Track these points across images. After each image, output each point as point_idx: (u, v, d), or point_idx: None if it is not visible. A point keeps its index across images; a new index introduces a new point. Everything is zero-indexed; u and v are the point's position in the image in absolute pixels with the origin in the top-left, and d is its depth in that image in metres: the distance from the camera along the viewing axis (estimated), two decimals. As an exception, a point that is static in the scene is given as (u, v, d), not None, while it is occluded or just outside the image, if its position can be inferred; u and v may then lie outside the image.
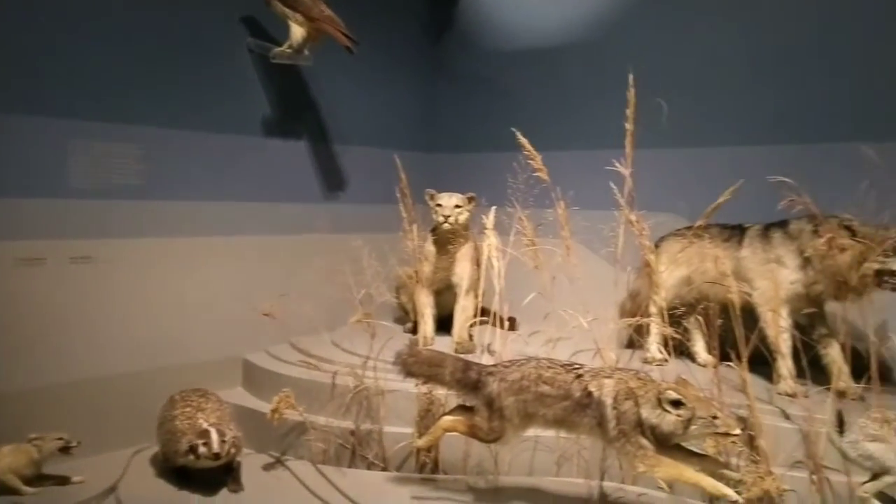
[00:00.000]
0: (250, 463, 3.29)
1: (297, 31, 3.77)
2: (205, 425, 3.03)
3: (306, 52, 3.88)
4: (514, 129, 3.29)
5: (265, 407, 3.36)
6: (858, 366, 3.02)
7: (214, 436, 2.97)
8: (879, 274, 2.94)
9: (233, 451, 3.05)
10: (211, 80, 3.84)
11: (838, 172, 2.97)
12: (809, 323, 3.27)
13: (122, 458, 3.36)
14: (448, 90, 5.12)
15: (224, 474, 3.10)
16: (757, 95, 3.84)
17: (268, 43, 3.94)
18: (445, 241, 3.95)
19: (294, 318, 3.63)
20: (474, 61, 4.98)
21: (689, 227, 3.51)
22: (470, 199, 3.92)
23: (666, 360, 3.58)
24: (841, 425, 2.42)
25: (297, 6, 3.74)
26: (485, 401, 2.72)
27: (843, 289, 3.04)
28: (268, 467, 3.36)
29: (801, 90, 3.70)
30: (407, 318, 4.46)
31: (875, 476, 2.36)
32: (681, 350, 3.60)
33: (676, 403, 2.43)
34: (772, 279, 3.25)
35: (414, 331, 4.20)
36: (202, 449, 2.95)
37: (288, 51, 3.83)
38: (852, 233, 2.98)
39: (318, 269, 3.98)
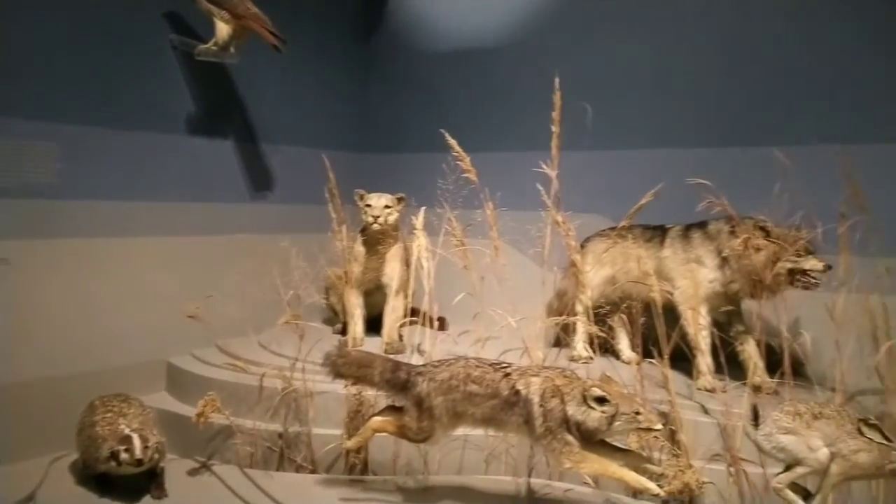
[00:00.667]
0: (174, 468, 3.22)
1: (223, 29, 3.70)
2: (126, 431, 2.94)
3: (232, 49, 3.81)
4: (442, 131, 3.30)
5: (190, 411, 3.28)
6: (773, 361, 3.14)
7: (137, 441, 2.89)
8: (792, 273, 3.07)
9: (156, 456, 2.97)
10: (132, 77, 3.73)
11: (753, 175, 3.07)
12: (727, 320, 3.40)
13: (39, 466, 3.23)
14: (378, 90, 5.11)
15: (147, 481, 3.02)
16: (677, 100, 3.95)
17: (193, 40, 3.85)
18: (375, 241, 3.94)
19: (220, 321, 3.57)
20: (405, 62, 4.98)
21: (613, 228, 3.59)
22: (399, 200, 3.92)
23: (591, 358, 3.67)
24: (756, 419, 2.51)
25: (222, 3, 3.67)
26: (414, 401, 2.73)
27: (759, 287, 3.16)
28: (193, 472, 3.28)
29: (719, 95, 3.83)
30: (336, 318, 4.43)
31: (788, 467, 2.46)
32: (606, 348, 3.70)
33: (601, 400, 2.49)
34: (692, 278, 3.37)
35: (343, 332, 4.17)
36: (124, 455, 2.87)
37: (213, 48, 3.76)
38: (766, 233, 3.11)
39: (246, 271, 3.93)
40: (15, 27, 3.30)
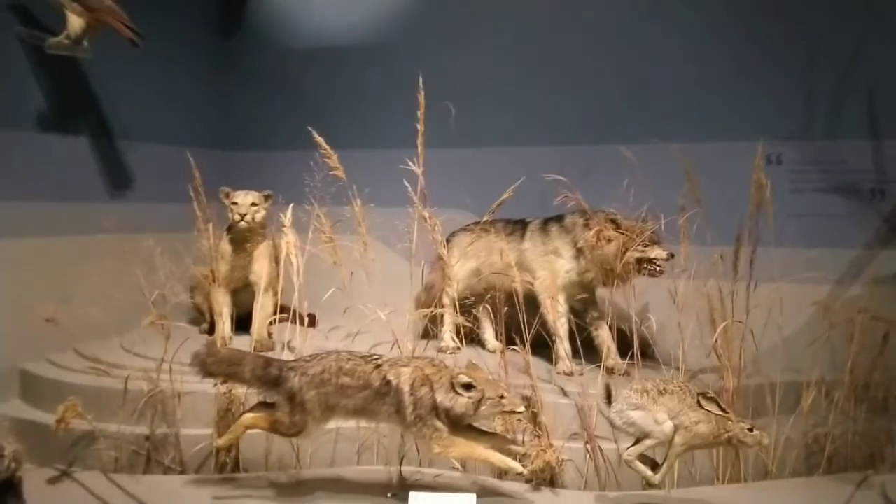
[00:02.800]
0: (33, 478, 3.07)
1: (76, 22, 3.54)
2: (-24, 443, 2.80)
3: (85, 44, 3.65)
4: (309, 128, 3.32)
5: (47, 418, 3.17)
6: (624, 344, 3.39)
7: (-11, 451, 2.76)
8: (639, 262, 3.31)
9: (13, 465, 2.84)
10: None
11: (604, 171, 3.33)
12: (583, 308, 3.63)
13: None
14: (242, 87, 5.05)
15: (4, 492, 2.88)
16: (535, 100, 4.19)
17: (43, 33, 3.67)
18: (242, 239, 3.92)
19: (79, 324, 3.45)
20: (268, 58, 4.96)
21: (476, 223, 3.75)
22: (266, 197, 3.91)
23: (459, 348, 3.81)
24: (609, 397, 2.71)
25: (74, -4, 3.53)
26: (286, 395, 2.76)
27: (611, 276, 3.40)
28: (53, 481, 3.16)
29: (573, 97, 4.11)
30: (202, 318, 4.35)
31: (638, 441, 2.68)
32: (472, 338, 3.84)
33: (468, 387, 2.62)
34: (550, 269, 3.57)
35: (210, 331, 4.12)
36: (-24, 468, 2.73)
37: (66, 42, 3.59)
38: (617, 226, 3.34)
39: (107, 271, 3.80)
40: None
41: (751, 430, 2.59)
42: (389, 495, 2.91)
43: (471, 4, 4.40)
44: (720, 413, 2.59)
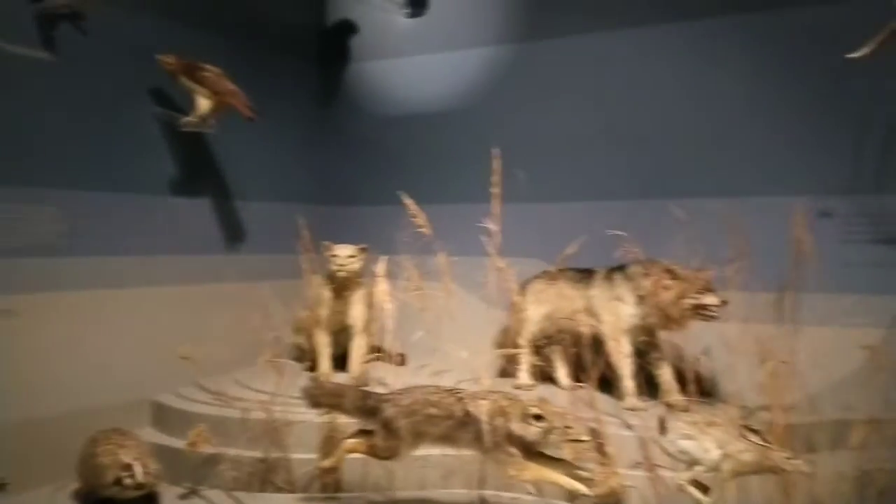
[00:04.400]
0: (167, 494, 3.59)
1: (204, 104, 4.18)
2: (127, 459, 3.34)
3: (211, 121, 4.29)
4: (400, 192, 3.80)
5: (176, 443, 3.71)
6: (683, 382, 3.71)
7: (138, 468, 3.28)
8: (695, 308, 3.63)
9: (154, 481, 3.38)
10: (122, 146, 4.19)
11: (660, 225, 3.72)
12: (646, 349, 3.95)
13: (42, 496, 3.60)
14: (339, 149, 5.60)
15: (146, 504, 3.42)
16: (598, 161, 4.62)
17: (176, 112, 4.33)
18: (341, 287, 4.43)
19: (204, 362, 3.98)
20: (362, 124, 5.52)
21: (548, 271, 4.15)
22: (362, 250, 4.40)
23: (534, 385, 4.20)
24: (663, 429, 3.06)
25: (203, 82, 4.15)
26: (382, 424, 3.20)
27: (669, 320, 3.74)
28: (184, 497, 3.66)
29: (631, 158, 4.52)
30: (305, 357, 4.87)
31: (689, 467, 3.01)
32: (546, 376, 4.23)
33: (538, 417, 3.01)
34: (615, 314, 3.92)
35: (312, 369, 4.61)
36: (128, 480, 3.26)
37: (195, 120, 4.23)
38: (673, 275, 3.69)
39: (228, 316, 4.36)
40: (26, 109, 3.75)
41: (791, 458, 2.89)
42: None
43: (541, 75, 4.86)
44: (762, 444, 2.90)
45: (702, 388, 3.61)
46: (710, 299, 3.60)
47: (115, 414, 3.99)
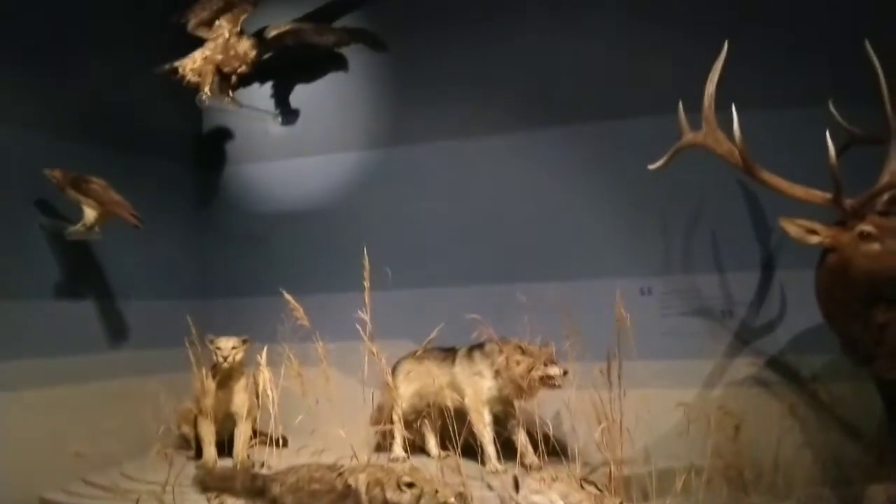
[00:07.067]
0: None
1: (91, 214, 4.43)
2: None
3: (97, 229, 4.54)
4: (282, 290, 4.18)
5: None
6: (535, 444, 4.25)
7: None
8: (542, 379, 4.18)
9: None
10: (8, 255, 4.40)
11: (508, 308, 4.34)
12: (503, 417, 4.47)
13: None
14: (219, 246, 5.86)
15: None
16: (458, 250, 5.17)
17: (62, 222, 4.58)
18: (225, 377, 4.71)
19: (93, 458, 4.17)
20: (242, 222, 5.82)
21: (415, 352, 4.63)
22: (244, 341, 4.72)
23: (407, 457, 4.61)
24: (517, 486, 3.56)
25: (89, 193, 4.41)
26: (270, 502, 3.54)
27: (521, 391, 4.27)
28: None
29: (484, 247, 5.10)
30: (189, 446, 5.08)
31: (541, 518, 3.52)
32: (418, 447, 4.67)
33: (410, 485, 3.43)
34: (475, 388, 4.44)
35: (197, 457, 4.83)
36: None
37: (82, 229, 4.47)
38: (523, 351, 4.26)
39: (116, 411, 4.56)
40: None
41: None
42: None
43: (403, 176, 5.40)
44: (598, 492, 3.45)
45: (551, 449, 4.16)
46: (553, 370, 4.15)
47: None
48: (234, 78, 5.33)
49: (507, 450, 4.30)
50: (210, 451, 4.71)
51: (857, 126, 3.93)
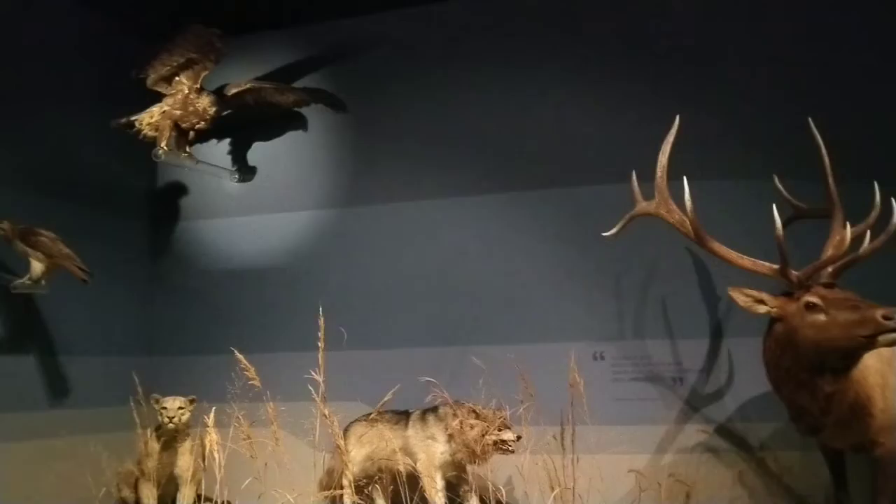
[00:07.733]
0: None
1: (38, 267, 4.31)
2: None
3: (43, 283, 4.41)
4: (233, 349, 4.13)
5: None
6: (488, 509, 4.22)
7: None
8: (495, 443, 4.17)
9: None
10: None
11: (463, 371, 4.33)
12: (456, 482, 4.42)
13: None
14: (169, 302, 5.73)
15: None
16: (413, 311, 5.16)
17: (7, 274, 4.44)
18: (170, 438, 4.58)
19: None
20: (194, 278, 5.70)
21: (368, 415, 4.58)
22: (191, 402, 4.60)
23: (357, 523, 4.52)
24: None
25: (37, 246, 4.29)
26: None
27: (475, 455, 4.23)
28: None
29: (441, 309, 5.11)
30: (131, 510, 4.90)
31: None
32: (368, 513, 4.58)
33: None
34: (428, 452, 4.39)
35: (138, 521, 4.67)
36: None
37: (28, 283, 4.35)
38: (476, 415, 4.24)
39: (55, 471, 4.37)
40: None
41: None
42: None
43: (358, 237, 5.41)
44: (551, 560, 3.43)
45: (504, 514, 4.13)
46: (507, 435, 4.14)
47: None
48: (191, 133, 5.32)
49: (460, 516, 4.24)
50: (152, 515, 4.54)
51: (802, 200, 4.10)
